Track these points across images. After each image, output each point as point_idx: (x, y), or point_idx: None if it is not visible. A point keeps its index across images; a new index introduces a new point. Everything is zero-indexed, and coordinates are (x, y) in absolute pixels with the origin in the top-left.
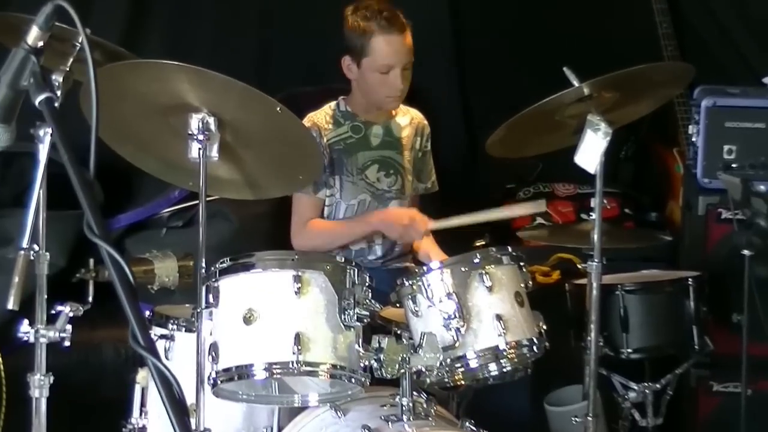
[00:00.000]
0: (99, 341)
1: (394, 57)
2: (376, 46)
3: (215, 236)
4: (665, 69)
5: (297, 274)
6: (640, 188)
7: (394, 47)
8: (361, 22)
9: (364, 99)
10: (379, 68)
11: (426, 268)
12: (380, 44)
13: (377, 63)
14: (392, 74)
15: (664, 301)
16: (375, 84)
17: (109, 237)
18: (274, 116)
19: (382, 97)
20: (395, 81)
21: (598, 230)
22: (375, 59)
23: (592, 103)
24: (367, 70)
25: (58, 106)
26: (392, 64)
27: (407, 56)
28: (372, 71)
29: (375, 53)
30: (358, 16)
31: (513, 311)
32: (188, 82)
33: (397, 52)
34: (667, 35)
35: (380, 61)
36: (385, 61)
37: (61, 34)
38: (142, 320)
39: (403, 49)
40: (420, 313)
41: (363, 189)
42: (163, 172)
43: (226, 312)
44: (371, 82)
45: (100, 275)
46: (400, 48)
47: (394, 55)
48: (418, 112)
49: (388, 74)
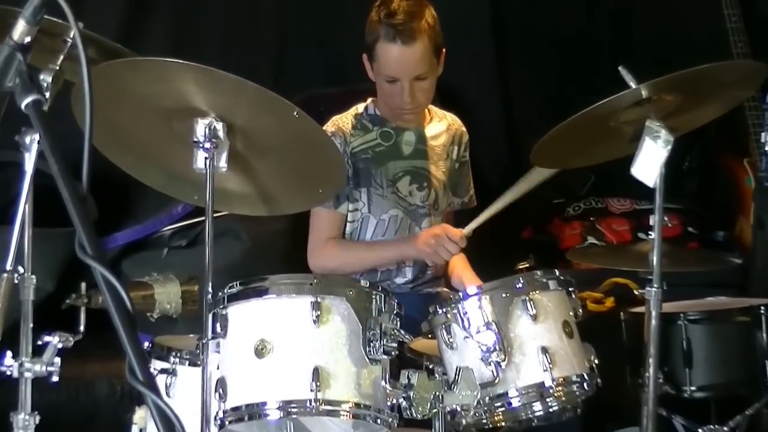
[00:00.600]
0: (91, 376)
1: (398, 69)
2: (380, 53)
3: (224, 257)
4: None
5: (316, 301)
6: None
7: (397, 59)
8: (374, 21)
9: None
10: (386, 78)
11: (462, 294)
12: (383, 52)
13: (382, 72)
14: (399, 86)
15: (733, 333)
16: (385, 92)
17: (104, 258)
18: (291, 121)
19: (391, 107)
20: (402, 95)
21: (657, 251)
22: (380, 67)
23: (651, 108)
24: (377, 76)
25: (47, 110)
26: (396, 77)
27: (416, 69)
28: (381, 78)
29: (380, 60)
30: (376, 13)
31: (560, 343)
32: (194, 83)
33: (400, 64)
34: (736, 30)
35: (384, 70)
36: (387, 71)
37: (50, 28)
38: (141, 352)
39: (410, 62)
40: (455, 345)
41: (394, 203)
42: (165, 185)
43: (236, 343)
44: (382, 89)
45: (93, 301)
46: (405, 60)
47: (397, 67)
48: (456, 117)
49: (395, 85)
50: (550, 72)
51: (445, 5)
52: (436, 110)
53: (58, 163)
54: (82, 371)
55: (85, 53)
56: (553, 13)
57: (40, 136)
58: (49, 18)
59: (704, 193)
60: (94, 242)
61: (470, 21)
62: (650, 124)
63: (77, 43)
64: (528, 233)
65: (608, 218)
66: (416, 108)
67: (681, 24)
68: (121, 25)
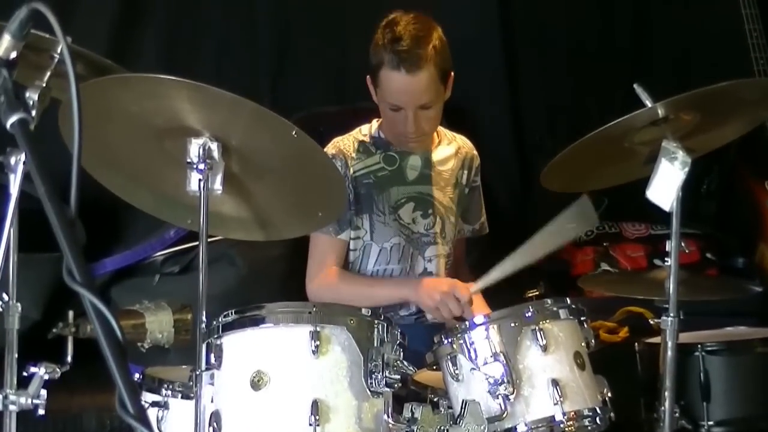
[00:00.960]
0: (79, 409)
1: (401, 98)
2: (384, 79)
3: (218, 284)
4: (756, 86)
5: (315, 330)
6: (724, 229)
7: (400, 88)
8: (378, 45)
9: None
10: (389, 105)
11: (468, 323)
12: (387, 79)
13: (385, 99)
14: (402, 114)
15: (754, 365)
16: (388, 119)
17: (93, 284)
18: (289, 141)
19: (394, 134)
20: (405, 123)
21: (674, 279)
22: (383, 93)
23: (668, 127)
24: (380, 101)
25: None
26: (400, 106)
27: (420, 99)
28: (384, 104)
29: (383, 87)
30: (381, 35)
31: (572, 375)
32: (188, 101)
33: (404, 93)
34: (758, 46)
35: (387, 98)
36: (390, 99)
37: (37, 43)
38: (132, 384)
39: (415, 91)
40: (461, 377)
41: (396, 231)
42: (156, 208)
43: (231, 375)
44: (385, 115)
45: (81, 331)
46: (409, 89)
47: (400, 96)
48: (467, 139)
49: (399, 113)
50: (562, 91)
51: (455, 24)
52: (445, 132)
53: (45, 184)
54: (70, 404)
55: (73, 69)
56: (567, 31)
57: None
58: (36, 32)
59: (723, 218)
60: (82, 268)
61: (480, 39)
62: (667, 144)
63: (65, 58)
64: None
65: (622, 244)
66: (421, 137)
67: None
68: (111, 40)
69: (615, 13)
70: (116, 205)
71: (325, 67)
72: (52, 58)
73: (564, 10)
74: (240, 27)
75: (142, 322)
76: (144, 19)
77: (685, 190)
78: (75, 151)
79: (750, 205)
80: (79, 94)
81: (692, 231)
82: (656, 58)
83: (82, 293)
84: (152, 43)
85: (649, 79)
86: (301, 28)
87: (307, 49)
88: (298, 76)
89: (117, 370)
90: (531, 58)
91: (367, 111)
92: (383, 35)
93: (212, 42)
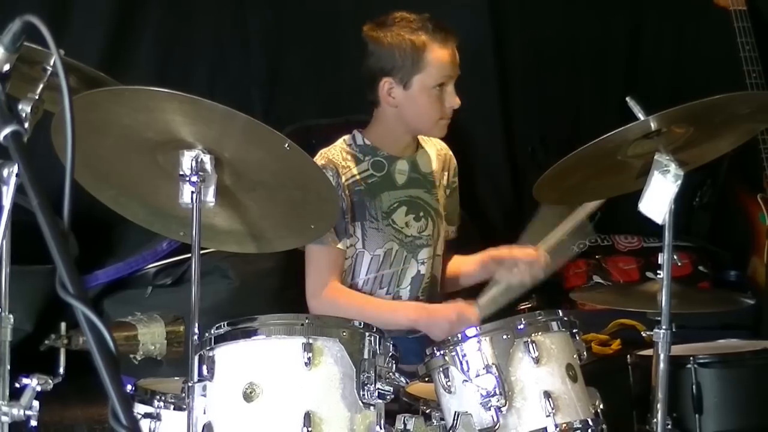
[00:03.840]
0: (71, 421)
1: (453, 70)
2: (432, 59)
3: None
4: (748, 99)
5: (307, 342)
6: (717, 242)
7: (452, 58)
8: (407, 36)
9: (402, 127)
10: (433, 86)
11: (461, 335)
12: (438, 58)
13: (434, 79)
14: (446, 91)
15: (746, 377)
16: (427, 106)
17: (86, 296)
18: (281, 154)
19: (434, 120)
20: (451, 97)
21: (666, 291)
22: (431, 74)
23: (661, 140)
24: (420, 90)
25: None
26: (452, 76)
27: (458, 69)
28: (425, 90)
29: (432, 67)
30: (399, 31)
31: (564, 387)
32: (180, 113)
33: (454, 64)
34: (750, 59)
35: (439, 75)
36: (444, 73)
37: (29, 55)
38: (124, 396)
39: (457, 61)
40: (453, 389)
41: (390, 236)
42: (149, 220)
43: (223, 387)
44: (422, 103)
45: (73, 342)
46: (455, 60)
47: (453, 67)
48: (441, 141)
49: (443, 91)
50: (555, 104)
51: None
52: (422, 137)
53: (38, 197)
54: (62, 416)
55: (66, 82)
56: (560, 43)
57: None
58: (29, 45)
59: (716, 231)
60: (75, 280)
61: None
62: (659, 157)
63: (59, 71)
64: None
65: (615, 256)
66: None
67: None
68: (103, 53)
69: (608, 26)
70: (108, 218)
71: (317, 80)
72: (45, 70)
73: (557, 22)
74: (233, 39)
75: (135, 334)
76: (137, 31)
77: (677, 203)
78: (68, 164)
79: (742, 218)
80: (72, 106)
81: (685, 244)
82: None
83: (76, 305)
84: (145, 55)
85: (642, 92)
86: (293, 41)
87: (299, 62)
88: (291, 89)
89: (110, 382)
90: (524, 71)
91: (358, 123)
92: (401, 28)
93: (205, 54)
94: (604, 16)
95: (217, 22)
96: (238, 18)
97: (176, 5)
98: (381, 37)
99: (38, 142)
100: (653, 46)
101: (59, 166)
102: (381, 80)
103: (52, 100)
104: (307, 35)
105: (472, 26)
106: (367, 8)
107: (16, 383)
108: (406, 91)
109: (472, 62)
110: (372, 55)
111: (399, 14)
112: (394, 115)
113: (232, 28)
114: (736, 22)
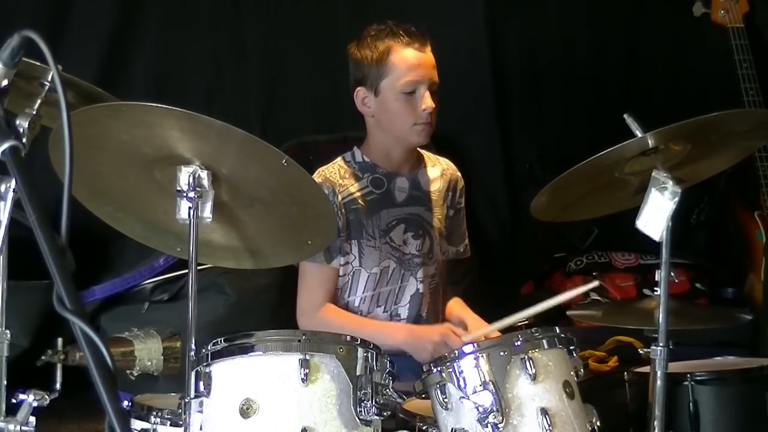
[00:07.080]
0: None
1: (419, 72)
2: (396, 61)
3: (207, 312)
4: (745, 117)
5: (304, 358)
6: (714, 259)
7: (416, 61)
8: (373, 44)
9: (387, 138)
10: (403, 88)
11: (458, 352)
12: (401, 58)
13: (400, 82)
14: (418, 94)
15: (744, 395)
16: (398, 111)
17: (83, 312)
18: (279, 170)
19: (408, 126)
20: (423, 101)
21: (663, 308)
22: (396, 77)
23: (659, 158)
24: (388, 95)
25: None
26: (418, 80)
27: (432, 73)
28: (394, 95)
29: (396, 71)
30: (369, 41)
31: (561, 404)
32: (178, 129)
33: (420, 66)
34: (748, 77)
35: (403, 78)
36: (409, 77)
37: (27, 70)
38: (121, 412)
39: (428, 64)
40: (450, 406)
41: (387, 254)
42: (146, 236)
43: (220, 403)
44: (394, 109)
45: (70, 358)
46: (423, 62)
47: (418, 69)
48: (450, 162)
49: (413, 95)
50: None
51: (443, 51)
52: (429, 155)
53: (35, 212)
54: (59, 431)
55: (64, 97)
56: (558, 59)
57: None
58: (27, 60)
59: (713, 248)
60: (72, 295)
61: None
62: (657, 174)
63: (57, 86)
64: (528, 288)
65: (612, 273)
66: (431, 122)
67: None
68: (101, 68)
69: (606, 43)
70: (105, 233)
71: (315, 96)
72: (43, 85)
73: (555, 38)
74: (230, 55)
75: (132, 350)
76: (134, 47)
77: (675, 220)
78: (66, 179)
79: (740, 235)
80: (70, 122)
81: (682, 261)
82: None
83: (73, 320)
84: (142, 71)
85: (640, 108)
86: (291, 57)
87: (297, 78)
88: (289, 105)
89: (107, 397)
90: (521, 87)
91: (356, 140)
92: (370, 39)
93: (202, 70)
94: (602, 33)
95: (214, 38)
96: (235, 34)
97: (174, 21)
98: (354, 51)
99: (36, 158)
100: (651, 63)
101: (56, 182)
102: (356, 90)
103: (50, 116)
104: (304, 51)
105: (470, 43)
106: (365, 24)
107: (12, 399)
108: (377, 98)
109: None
110: (350, 69)
111: (374, 26)
112: (374, 125)
113: (229, 44)
114: (734, 40)
